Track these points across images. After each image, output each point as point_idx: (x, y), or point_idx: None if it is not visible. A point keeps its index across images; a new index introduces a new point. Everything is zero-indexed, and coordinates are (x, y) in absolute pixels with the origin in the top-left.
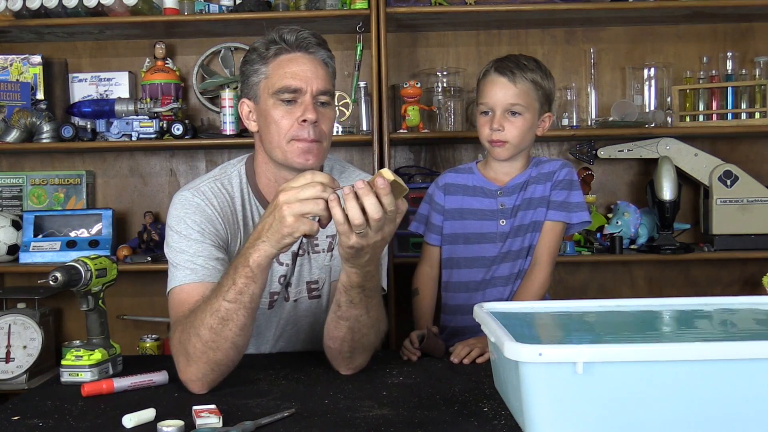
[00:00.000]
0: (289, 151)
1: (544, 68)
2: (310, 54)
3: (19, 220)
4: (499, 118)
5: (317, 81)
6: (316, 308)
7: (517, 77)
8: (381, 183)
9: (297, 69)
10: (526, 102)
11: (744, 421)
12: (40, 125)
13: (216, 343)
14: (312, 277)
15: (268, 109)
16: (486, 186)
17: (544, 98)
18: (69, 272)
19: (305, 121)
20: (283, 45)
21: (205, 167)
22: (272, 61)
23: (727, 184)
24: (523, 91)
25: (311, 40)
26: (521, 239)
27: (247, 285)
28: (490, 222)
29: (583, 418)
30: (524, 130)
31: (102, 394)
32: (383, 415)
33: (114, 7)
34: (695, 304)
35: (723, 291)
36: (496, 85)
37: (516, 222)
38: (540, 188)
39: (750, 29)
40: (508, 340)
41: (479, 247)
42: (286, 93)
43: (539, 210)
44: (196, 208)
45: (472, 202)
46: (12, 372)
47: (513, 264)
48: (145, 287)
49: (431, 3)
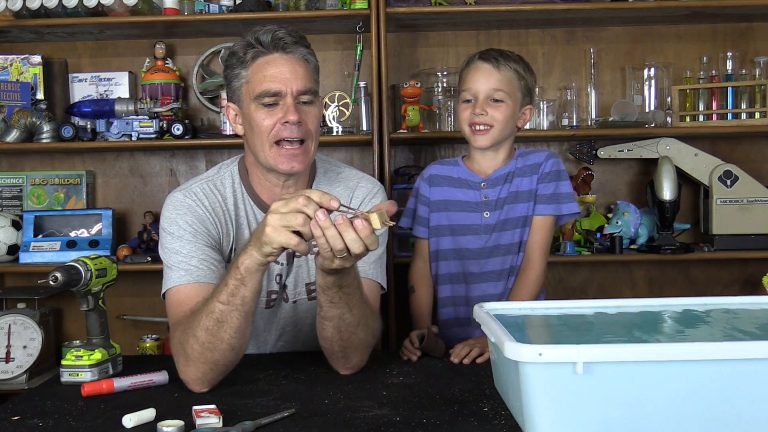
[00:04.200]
0: (272, 156)
1: (526, 63)
2: (287, 54)
3: (19, 220)
4: (482, 103)
5: (297, 81)
6: (316, 310)
7: (500, 64)
8: (359, 225)
9: (275, 71)
10: (509, 89)
11: (744, 421)
12: (40, 125)
13: (212, 344)
14: (311, 278)
15: (251, 113)
16: (470, 178)
17: (525, 90)
18: (69, 272)
19: (287, 122)
20: (260, 47)
21: (205, 167)
22: (251, 64)
23: (727, 184)
24: (506, 78)
25: (287, 39)
26: (510, 234)
27: (237, 288)
28: (474, 214)
29: (583, 418)
30: (507, 116)
31: (102, 394)
32: (383, 415)
33: (114, 7)
34: (695, 304)
35: (723, 291)
36: (479, 71)
37: (502, 215)
38: (526, 181)
39: (750, 29)
40: (508, 340)
41: (464, 239)
42: (266, 97)
43: (527, 204)
44: (187, 209)
45: (456, 193)
46: (12, 372)
47: (504, 259)
48: (145, 287)
49: (431, 3)
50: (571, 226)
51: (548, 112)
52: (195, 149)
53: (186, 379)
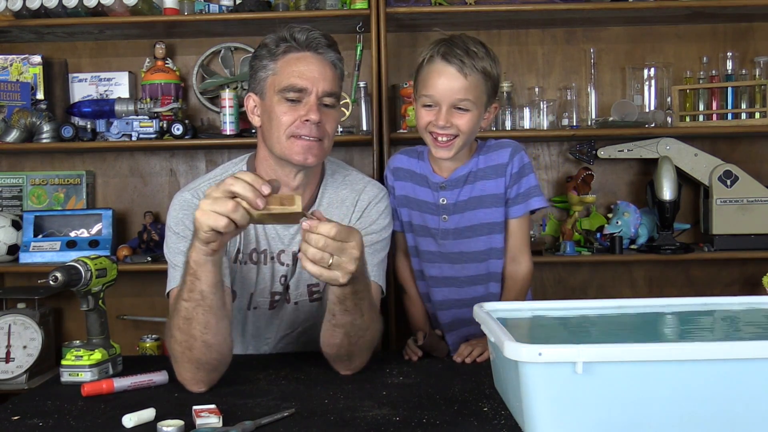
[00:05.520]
0: (288, 146)
1: (491, 52)
2: (319, 54)
3: (19, 220)
4: (445, 114)
5: (323, 82)
6: (317, 311)
7: (466, 67)
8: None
9: (304, 68)
10: (475, 96)
11: (744, 421)
12: (40, 125)
13: (188, 342)
14: (313, 280)
15: (273, 106)
16: (430, 177)
17: (492, 90)
18: (69, 272)
19: (308, 120)
20: (293, 43)
21: (205, 167)
22: (281, 58)
23: (727, 184)
24: (473, 84)
25: (321, 41)
26: (474, 241)
27: (193, 282)
28: (432, 217)
29: (583, 418)
30: (473, 123)
31: (102, 394)
32: (383, 415)
33: (114, 7)
34: (695, 304)
35: (723, 291)
36: (442, 76)
37: (463, 221)
38: (491, 184)
39: (750, 29)
40: (508, 340)
41: (423, 240)
42: (291, 92)
43: (494, 209)
44: (194, 210)
45: (417, 191)
46: (12, 372)
47: (468, 266)
48: (145, 287)
49: (431, 3)
50: (571, 226)
51: (548, 112)
52: (195, 149)
53: (180, 380)
